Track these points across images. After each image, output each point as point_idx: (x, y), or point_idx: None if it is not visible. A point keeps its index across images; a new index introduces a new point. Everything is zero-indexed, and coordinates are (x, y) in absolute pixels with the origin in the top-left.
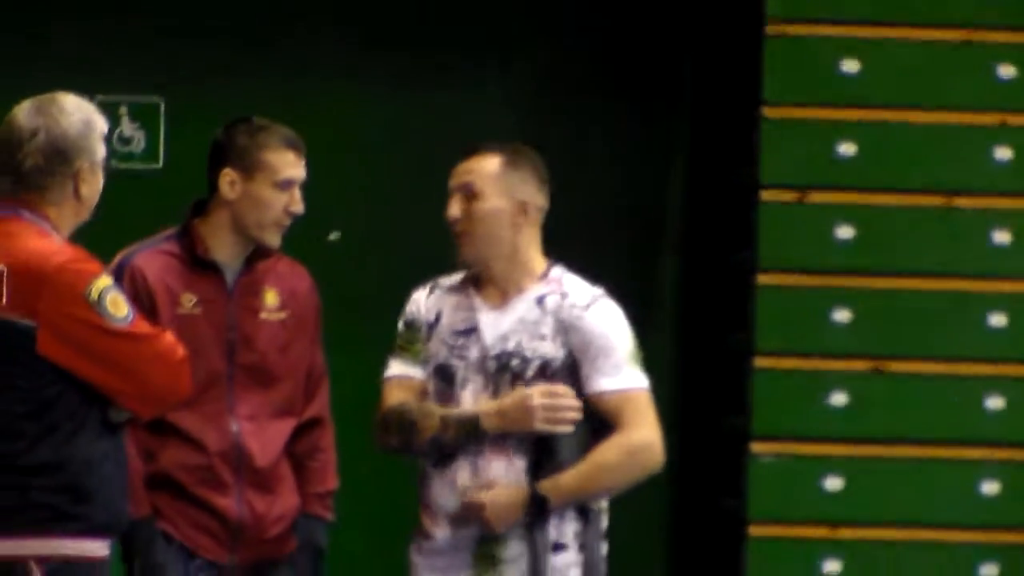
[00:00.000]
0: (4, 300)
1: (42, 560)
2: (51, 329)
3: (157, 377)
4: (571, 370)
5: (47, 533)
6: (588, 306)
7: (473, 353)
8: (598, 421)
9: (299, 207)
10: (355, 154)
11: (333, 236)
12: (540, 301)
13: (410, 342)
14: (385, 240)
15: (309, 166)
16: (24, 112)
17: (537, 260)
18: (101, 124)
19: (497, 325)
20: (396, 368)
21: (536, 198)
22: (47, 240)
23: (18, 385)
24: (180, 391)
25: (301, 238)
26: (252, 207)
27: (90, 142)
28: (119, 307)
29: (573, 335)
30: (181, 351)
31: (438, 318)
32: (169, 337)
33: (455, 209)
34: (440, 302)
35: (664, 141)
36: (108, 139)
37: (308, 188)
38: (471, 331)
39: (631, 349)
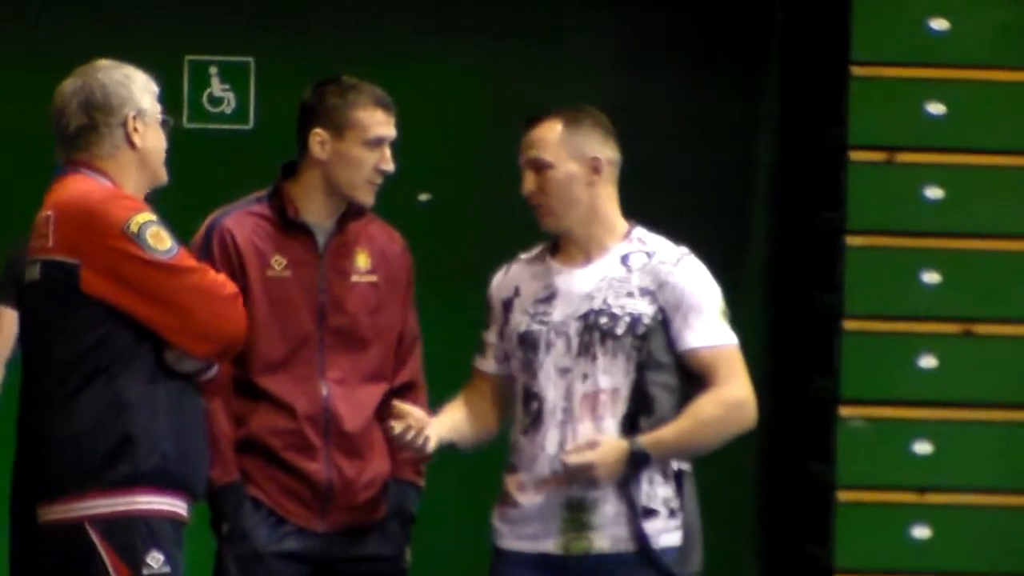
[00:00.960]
0: (51, 242)
1: (95, 519)
2: (93, 264)
3: (203, 311)
4: (661, 326)
5: (96, 488)
6: (677, 263)
7: (555, 317)
8: (688, 378)
9: (390, 165)
10: (447, 114)
11: (424, 197)
12: (625, 259)
13: (485, 329)
14: (477, 202)
15: (401, 127)
16: (66, 81)
17: (618, 218)
18: (144, 79)
19: (580, 285)
20: (476, 358)
21: (605, 151)
22: (93, 183)
23: (64, 327)
24: (230, 327)
25: (391, 199)
26: (343, 166)
27: (131, 92)
28: (161, 240)
29: (664, 292)
30: (231, 287)
31: (517, 291)
32: (218, 273)
33: (529, 184)
34: (517, 277)
35: (752, 101)
36: (198, 97)
37: (399, 149)
38: (551, 297)
39: (721, 306)
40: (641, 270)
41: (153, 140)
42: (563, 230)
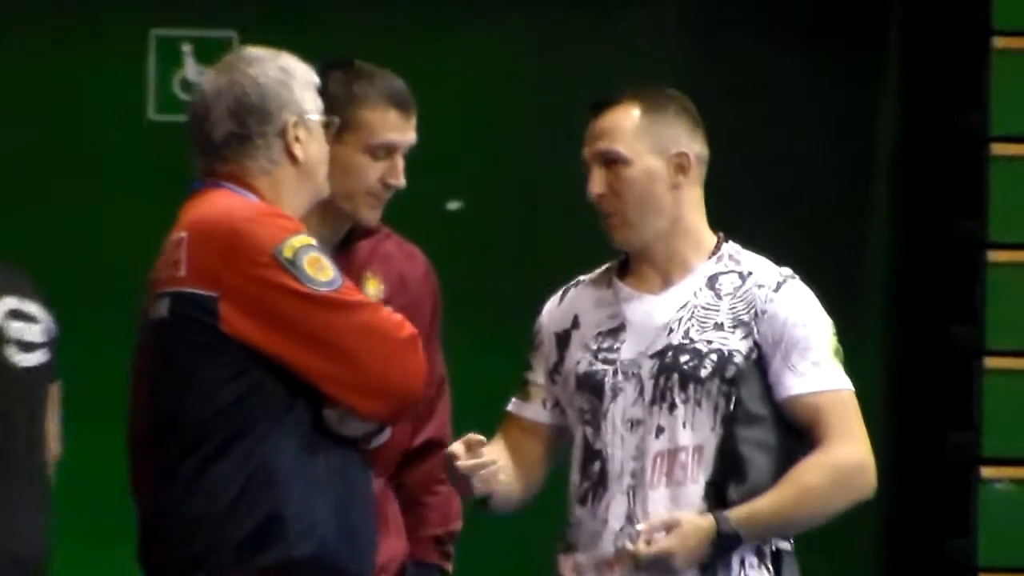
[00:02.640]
0: (183, 270)
1: None
2: (237, 298)
3: (374, 357)
4: (756, 368)
5: (237, 573)
6: (779, 287)
7: (624, 354)
8: (791, 433)
9: (399, 179)
10: (480, 102)
11: (453, 206)
12: (713, 282)
13: (529, 369)
14: (520, 211)
15: (423, 116)
16: (209, 76)
17: (705, 230)
18: (304, 72)
19: (656, 315)
20: (512, 403)
21: (693, 146)
22: (239, 199)
23: (198, 377)
24: (408, 379)
25: (413, 208)
26: (340, 174)
27: (291, 91)
28: (322, 269)
29: (761, 324)
30: (408, 328)
31: (576, 322)
32: (390, 311)
33: (597, 184)
34: (576, 303)
35: (869, 81)
36: (168, 82)
37: (422, 146)
38: (619, 329)
39: (833, 343)
40: (733, 296)
41: (316, 149)
42: (638, 244)
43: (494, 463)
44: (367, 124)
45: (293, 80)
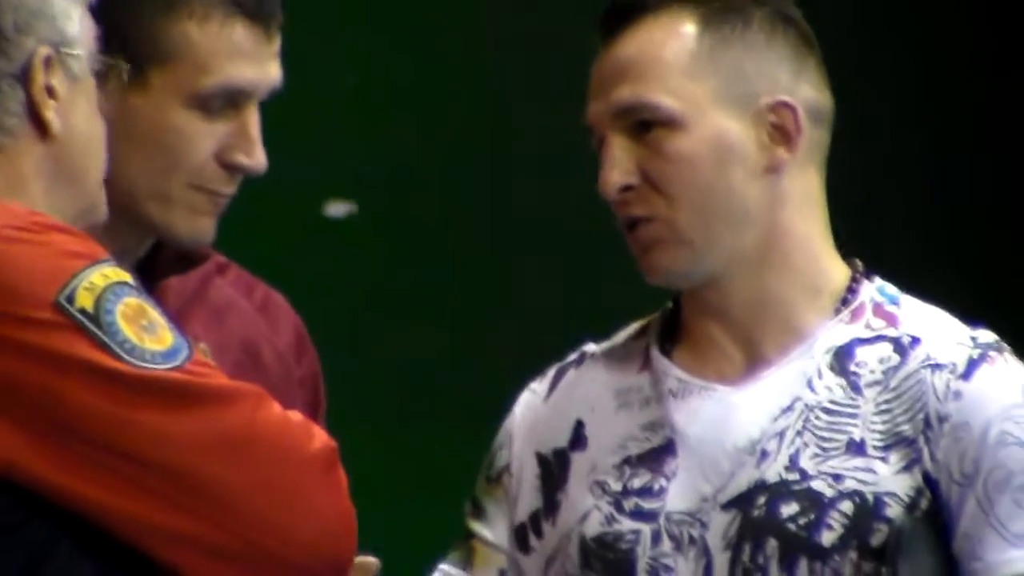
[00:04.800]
0: None
1: None
2: None
3: (261, 495)
4: (928, 527)
5: None
6: (971, 371)
7: (675, 500)
8: None
9: (253, 156)
10: (385, 52)
11: (337, 210)
12: (845, 358)
13: (477, 514)
14: (446, 220)
15: (288, 69)
16: None
17: (828, 255)
18: None
19: (735, 424)
20: (439, 571)
21: (802, 89)
22: None
23: None
24: (329, 530)
25: (271, 217)
26: (142, 150)
27: (44, 3)
28: (150, 328)
29: (938, 443)
30: (320, 436)
31: (579, 435)
32: (287, 409)
33: (620, 168)
34: (580, 397)
35: None
36: None
37: (284, 110)
38: (664, 450)
39: None
40: (884, 386)
41: (85, 114)
42: (699, 281)
43: None
44: (192, 53)
45: None
